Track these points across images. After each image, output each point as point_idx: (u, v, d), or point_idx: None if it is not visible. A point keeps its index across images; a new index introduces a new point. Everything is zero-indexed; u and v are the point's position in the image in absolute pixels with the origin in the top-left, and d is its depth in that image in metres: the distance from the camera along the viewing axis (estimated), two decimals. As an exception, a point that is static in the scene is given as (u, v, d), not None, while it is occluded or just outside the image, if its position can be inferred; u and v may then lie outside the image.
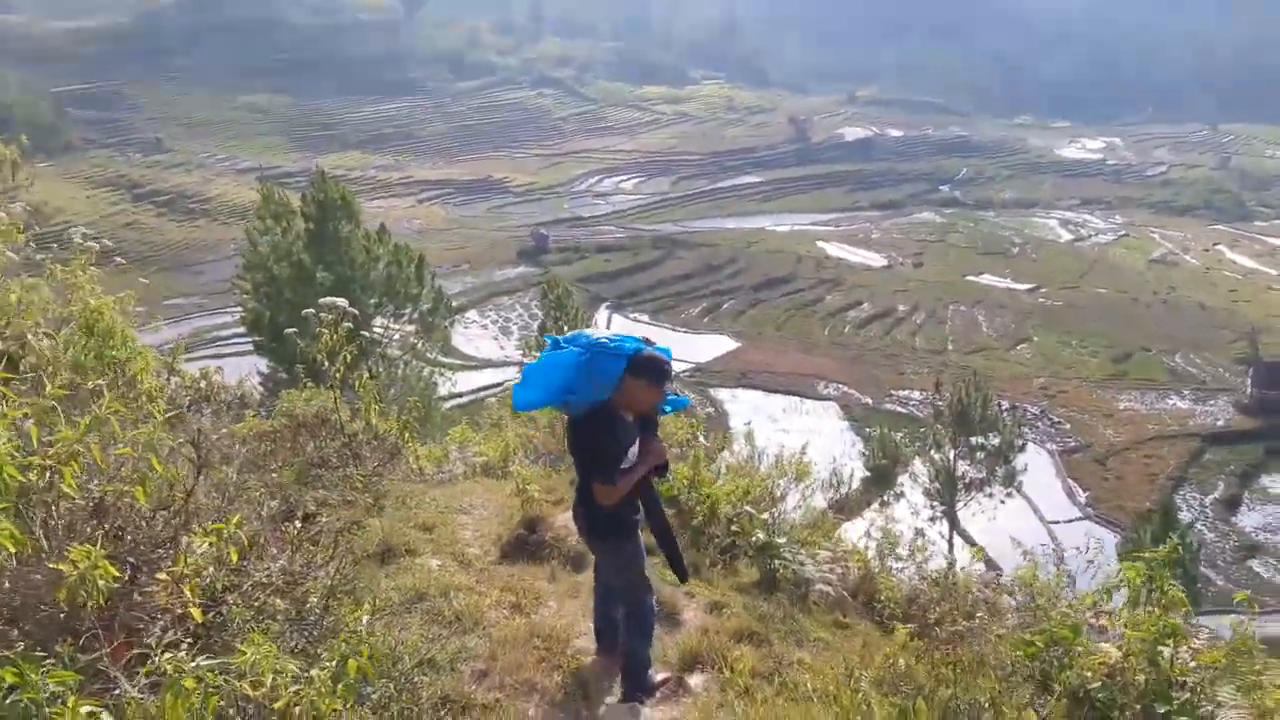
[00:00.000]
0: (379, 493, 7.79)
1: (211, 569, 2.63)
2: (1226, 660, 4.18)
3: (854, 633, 6.74)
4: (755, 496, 8.68)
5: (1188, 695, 4.01)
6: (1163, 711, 3.94)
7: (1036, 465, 35.86)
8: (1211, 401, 49.79)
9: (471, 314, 61.22)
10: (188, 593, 2.54)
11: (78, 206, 72.24)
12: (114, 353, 7.91)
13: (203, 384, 8.57)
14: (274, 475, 6.85)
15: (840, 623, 6.82)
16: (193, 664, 2.20)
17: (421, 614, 4.57)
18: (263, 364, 26.66)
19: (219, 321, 52.18)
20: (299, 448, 7.63)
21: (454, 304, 40.26)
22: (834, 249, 78.84)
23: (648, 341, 4.15)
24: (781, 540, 7.03)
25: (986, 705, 3.46)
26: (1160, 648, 4.22)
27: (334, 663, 2.06)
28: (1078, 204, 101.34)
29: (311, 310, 7.29)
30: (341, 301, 7.22)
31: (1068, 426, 46.92)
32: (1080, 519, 37.88)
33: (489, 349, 55.85)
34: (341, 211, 27.48)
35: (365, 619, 3.36)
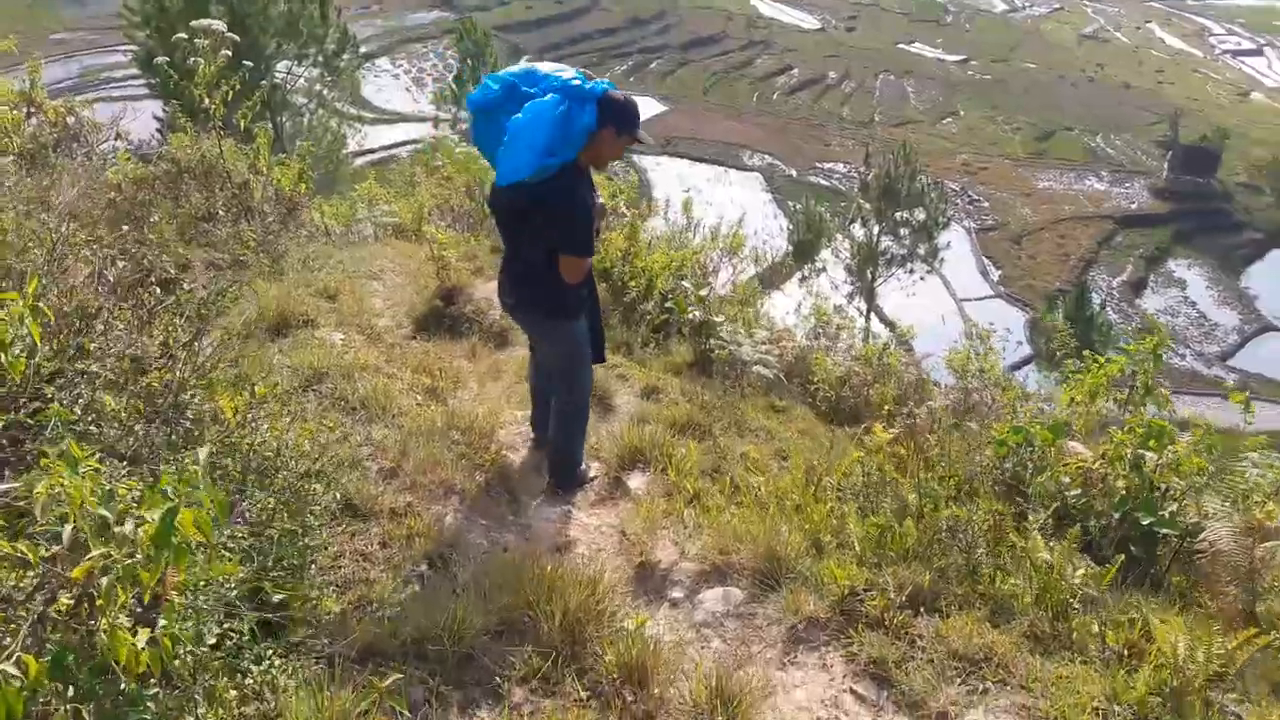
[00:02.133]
0: (276, 253, 6.95)
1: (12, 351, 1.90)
2: (1215, 466, 3.84)
3: (791, 417, 6.39)
4: (688, 270, 8.11)
5: (1173, 506, 3.69)
6: (1146, 523, 3.62)
7: (953, 243, 36.13)
8: (1128, 184, 50.40)
9: (382, 62, 57.36)
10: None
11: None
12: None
13: (70, 120, 7.39)
14: (146, 231, 5.95)
15: (776, 406, 6.45)
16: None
17: (319, 399, 3.93)
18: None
19: (112, 60, 47.35)
20: (184, 199, 6.65)
21: (363, 49, 37.28)
22: (766, 7, 75.15)
23: (589, 76, 3.36)
24: (719, 319, 6.51)
25: (980, 525, 3.06)
26: (1144, 452, 3.87)
27: (163, 506, 1.43)
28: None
29: (183, 35, 6.11)
30: (218, 24, 6.05)
31: (986, 204, 47.25)
32: (992, 297, 38.90)
33: (401, 101, 52.70)
34: (238, -68, 24.43)
35: (237, 411, 2.72)
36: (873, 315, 30.53)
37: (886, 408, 5.63)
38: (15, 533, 1.59)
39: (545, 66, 3.37)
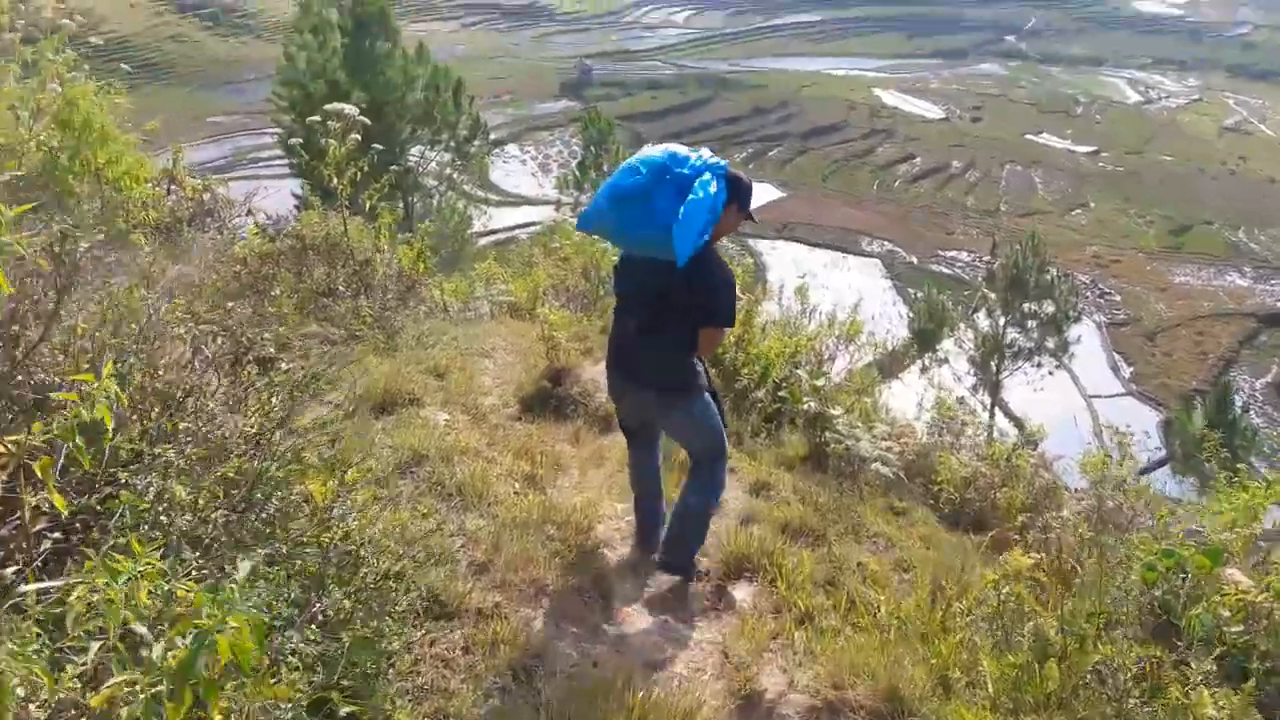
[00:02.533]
0: (392, 328, 7.00)
1: (77, 439, 1.79)
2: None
3: (911, 520, 5.97)
4: (802, 358, 7.82)
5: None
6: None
7: (1083, 337, 34.55)
8: (1273, 280, 47.65)
9: (510, 148, 59.53)
10: (37, 472, 1.71)
11: (122, 16, 70.05)
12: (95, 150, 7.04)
13: (206, 196, 7.71)
14: (266, 304, 6.06)
15: (896, 509, 6.03)
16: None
17: (416, 483, 3.80)
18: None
19: (261, 142, 50.63)
20: (306, 274, 6.78)
21: (493, 135, 38.72)
22: (890, 97, 75.19)
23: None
24: (837, 412, 6.18)
25: (1131, 668, 2.65)
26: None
27: (192, 627, 1.25)
28: (1150, 63, 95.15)
29: (316, 118, 6.29)
30: (350, 108, 6.20)
31: (1118, 298, 45.25)
32: (1123, 394, 36.86)
33: (527, 185, 54.41)
34: (379, 27, 25.93)
35: (325, 498, 2.57)
36: (997, 410, 29.26)
37: (1020, 518, 5.15)
38: (52, 642, 1.45)
39: (681, 149, 3.37)
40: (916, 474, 6.84)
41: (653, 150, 3.41)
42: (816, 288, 11.02)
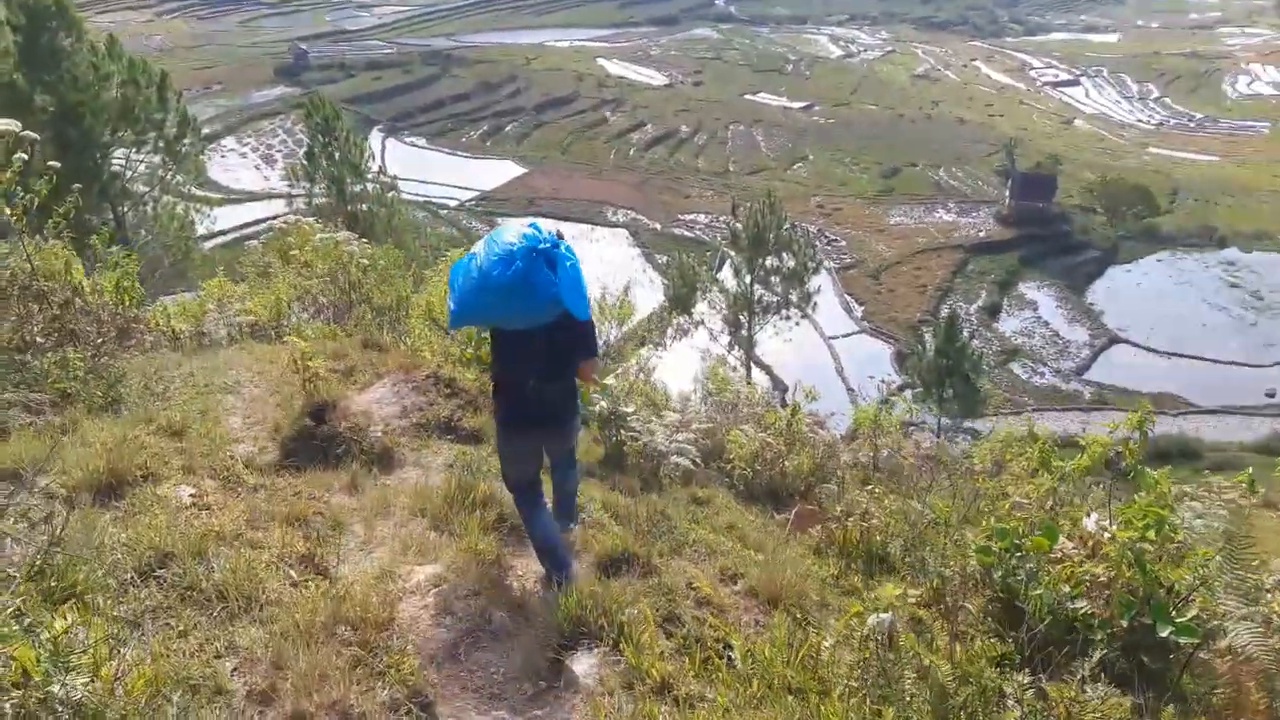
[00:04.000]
0: (113, 377, 5.97)
1: None
2: (1223, 553, 3.40)
3: (715, 507, 5.80)
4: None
5: (1194, 612, 3.22)
6: (1165, 633, 3.15)
7: (821, 286, 36.72)
8: (974, 213, 52.73)
9: (228, 141, 55.41)
10: None
11: None
12: None
13: None
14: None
15: (698, 498, 5.84)
16: None
17: (164, 591, 3.08)
18: None
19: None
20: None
21: (207, 130, 35.46)
22: (614, 66, 76.46)
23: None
24: (629, 409, 5.89)
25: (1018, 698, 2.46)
26: (1144, 544, 3.42)
27: None
28: (846, 19, 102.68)
29: (-32, 139, 5.16)
30: (8, 123, 5.11)
31: (843, 244, 48.53)
32: (857, 332, 39.72)
33: (251, 180, 50.74)
34: (58, 20, 22.80)
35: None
36: (751, 364, 30.56)
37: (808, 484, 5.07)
38: None
39: (526, 229, 3.76)
40: (709, 457, 6.70)
41: (507, 236, 3.71)
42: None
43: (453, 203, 49.66)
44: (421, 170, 51.82)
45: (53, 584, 3.03)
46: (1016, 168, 52.86)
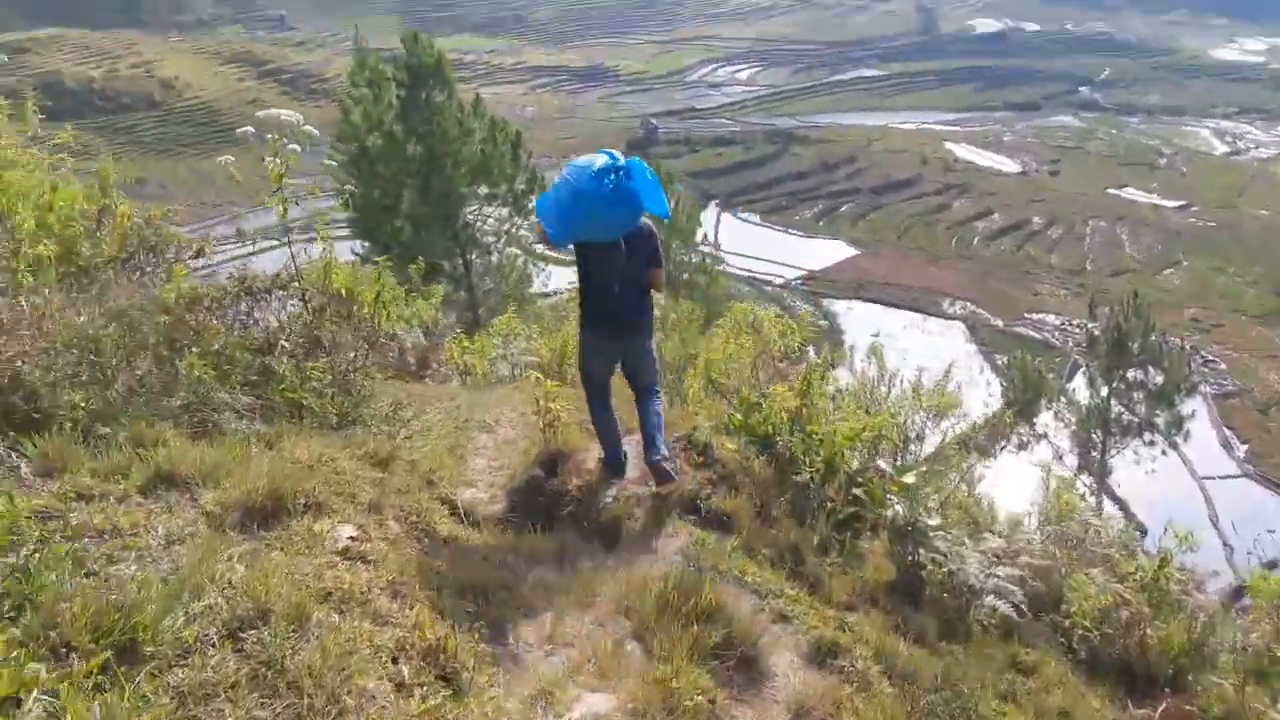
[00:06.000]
0: (359, 396, 5.52)
1: None
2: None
3: (1044, 681, 4.19)
4: (887, 438, 6.11)
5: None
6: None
7: (1195, 411, 30.71)
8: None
9: (571, 205, 58.74)
10: None
11: (205, 82, 72.52)
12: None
13: (148, 233, 6.38)
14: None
15: (1021, 664, 4.26)
16: None
17: (239, 660, 2.24)
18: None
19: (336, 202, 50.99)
20: (238, 324, 5.35)
21: (551, 191, 37.21)
22: (962, 151, 72.95)
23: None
24: (934, 522, 4.45)
25: None
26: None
27: None
28: (1235, 112, 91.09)
29: (248, 128, 4.92)
30: (288, 113, 4.81)
31: (1223, 366, 41.66)
32: (1238, 475, 33.06)
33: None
34: (434, 78, 25.23)
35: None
36: (1103, 495, 25.92)
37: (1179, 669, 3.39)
38: None
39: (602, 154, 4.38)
40: (1039, 604, 5.04)
41: (589, 160, 4.31)
42: (895, 350, 9.30)
43: (778, 280, 49.13)
44: (752, 245, 51.98)
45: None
46: None
